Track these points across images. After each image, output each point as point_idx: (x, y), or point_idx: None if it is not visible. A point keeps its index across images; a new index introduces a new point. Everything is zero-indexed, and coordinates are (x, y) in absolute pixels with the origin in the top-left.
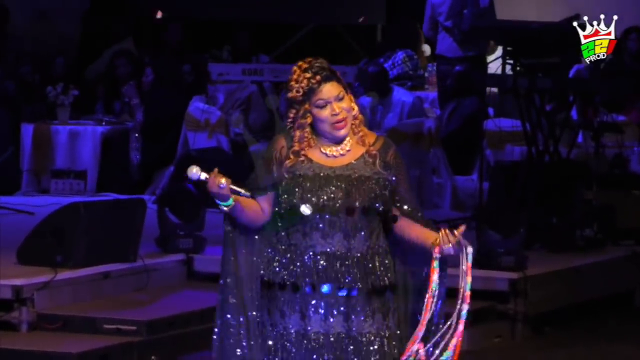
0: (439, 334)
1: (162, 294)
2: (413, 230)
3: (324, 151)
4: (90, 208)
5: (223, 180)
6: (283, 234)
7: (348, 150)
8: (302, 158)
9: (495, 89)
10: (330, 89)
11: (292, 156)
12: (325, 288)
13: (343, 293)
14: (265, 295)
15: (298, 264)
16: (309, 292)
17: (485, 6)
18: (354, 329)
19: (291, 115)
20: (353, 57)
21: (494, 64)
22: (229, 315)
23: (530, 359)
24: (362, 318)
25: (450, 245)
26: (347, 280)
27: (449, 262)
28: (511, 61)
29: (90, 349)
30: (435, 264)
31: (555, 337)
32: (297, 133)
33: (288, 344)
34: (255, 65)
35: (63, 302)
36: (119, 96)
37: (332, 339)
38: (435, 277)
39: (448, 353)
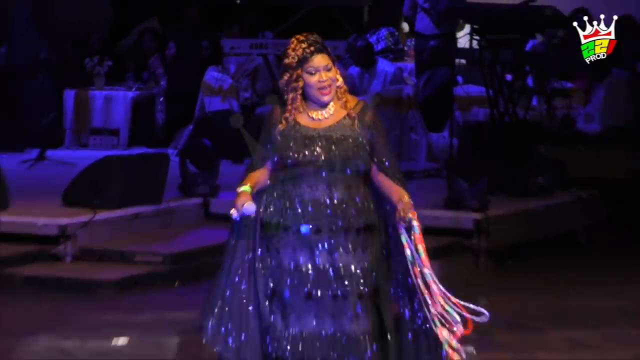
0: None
1: (183, 231)
2: (386, 186)
3: (310, 115)
4: (123, 160)
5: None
6: (278, 184)
7: (331, 114)
8: (292, 122)
9: (464, 61)
10: (320, 60)
11: (283, 121)
12: (310, 228)
13: (325, 232)
14: (264, 235)
15: (289, 208)
16: (297, 231)
17: None
18: (337, 261)
19: (285, 78)
20: (343, 34)
21: (463, 39)
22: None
23: (491, 283)
24: (344, 252)
25: (402, 222)
26: (329, 222)
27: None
28: (478, 37)
29: (124, 276)
30: (403, 239)
31: (514, 268)
32: (290, 95)
33: (282, 275)
34: (261, 40)
35: (101, 238)
36: (146, 67)
37: (318, 269)
38: (407, 251)
39: (450, 309)
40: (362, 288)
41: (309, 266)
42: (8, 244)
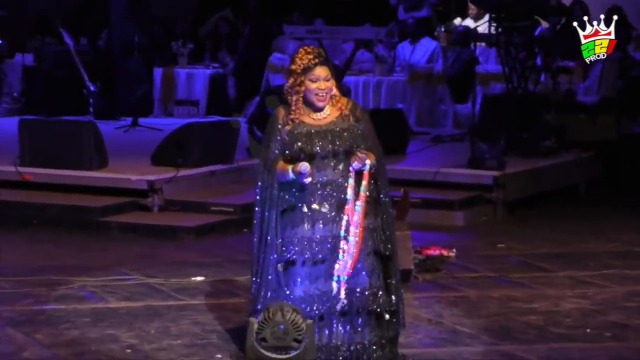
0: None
1: (250, 186)
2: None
3: (311, 117)
4: (202, 126)
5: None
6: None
7: (328, 114)
8: (298, 122)
9: (483, 44)
10: (321, 71)
11: (290, 122)
12: (320, 206)
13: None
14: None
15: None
16: (308, 209)
17: None
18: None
19: (290, 82)
20: (383, 21)
21: (483, 26)
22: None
23: (507, 230)
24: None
25: (355, 162)
26: (332, 199)
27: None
28: (494, 24)
29: (202, 224)
30: (350, 181)
31: (524, 217)
32: (294, 97)
33: (296, 240)
34: (314, 26)
35: (183, 191)
36: (221, 49)
37: (318, 236)
38: (349, 190)
39: (351, 239)
40: None
41: (316, 235)
42: (106, 196)
